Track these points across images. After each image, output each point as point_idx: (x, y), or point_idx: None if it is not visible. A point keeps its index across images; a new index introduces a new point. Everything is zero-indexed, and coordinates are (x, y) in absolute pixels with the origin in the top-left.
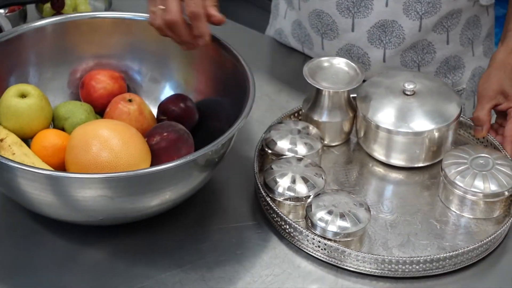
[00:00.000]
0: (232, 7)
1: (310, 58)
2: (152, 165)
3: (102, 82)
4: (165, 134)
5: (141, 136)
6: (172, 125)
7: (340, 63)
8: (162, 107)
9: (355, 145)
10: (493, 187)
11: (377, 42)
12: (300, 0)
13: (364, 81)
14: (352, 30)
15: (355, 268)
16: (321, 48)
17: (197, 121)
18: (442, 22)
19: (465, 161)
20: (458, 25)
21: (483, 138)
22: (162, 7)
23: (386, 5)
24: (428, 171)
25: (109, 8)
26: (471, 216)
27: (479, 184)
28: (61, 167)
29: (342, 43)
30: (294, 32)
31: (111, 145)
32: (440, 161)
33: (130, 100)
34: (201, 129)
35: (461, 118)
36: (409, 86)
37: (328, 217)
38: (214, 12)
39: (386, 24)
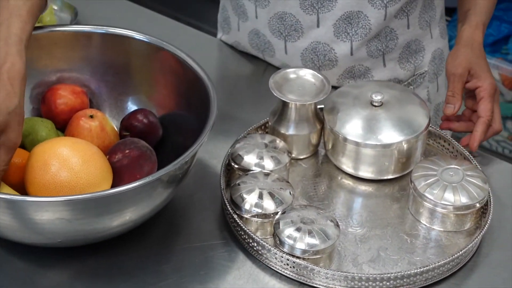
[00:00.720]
0: (193, 4)
1: (272, 65)
2: (114, 183)
3: (64, 97)
4: (127, 151)
5: (102, 154)
6: (135, 141)
7: (307, 74)
8: (125, 123)
9: (323, 157)
10: (463, 200)
11: (344, 36)
12: (258, 8)
13: (334, 87)
14: (318, 26)
15: (325, 286)
16: (284, 53)
17: (161, 136)
18: (402, 7)
19: (435, 173)
20: (417, 9)
21: (456, 144)
22: None
23: None
24: (398, 183)
25: (75, 19)
26: (442, 229)
27: (449, 196)
28: (22, 186)
29: (307, 42)
30: (252, 42)
31: (71, 164)
32: (410, 173)
33: (91, 116)
34: (165, 144)
35: (430, 128)
36: (377, 97)
37: (296, 234)
38: None
39: (351, 15)
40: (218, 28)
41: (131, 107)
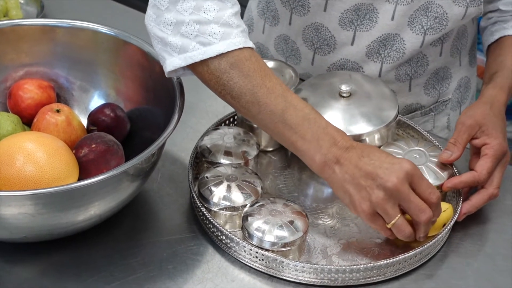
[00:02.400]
0: None
1: None
2: (80, 178)
3: (30, 92)
4: (93, 145)
5: (69, 148)
6: (101, 136)
7: (275, 66)
8: (92, 117)
9: None
10: (430, 180)
11: (375, 56)
12: (294, 14)
13: (302, 79)
14: (352, 44)
15: (294, 278)
16: (311, 64)
17: (128, 131)
18: (440, 36)
19: (400, 156)
20: (451, 37)
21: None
22: (390, 224)
23: (392, 18)
24: None
25: (41, 12)
26: None
27: None
28: None
29: (337, 57)
30: (278, 47)
31: (36, 158)
32: None
33: (58, 111)
34: (133, 138)
35: (399, 118)
36: (345, 88)
37: (265, 227)
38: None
39: (388, 38)
40: None
41: (99, 101)
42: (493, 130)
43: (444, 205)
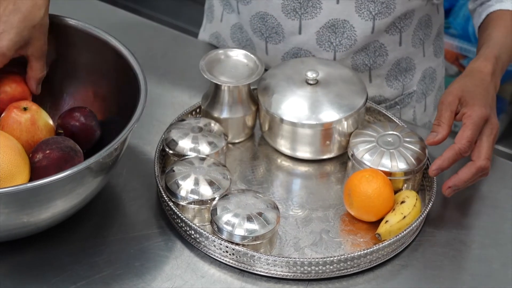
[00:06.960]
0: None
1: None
2: None
3: (4, 86)
4: (47, 151)
5: (21, 148)
6: (58, 141)
7: (239, 55)
8: (61, 120)
9: (260, 139)
10: (401, 165)
11: (327, 45)
12: (240, 4)
13: (266, 70)
14: (299, 33)
15: (266, 272)
16: (265, 53)
17: (98, 138)
18: (395, 23)
19: (373, 139)
20: (411, 26)
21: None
22: None
23: (337, 2)
24: (338, 162)
25: None
26: None
27: (386, 162)
28: None
29: (289, 46)
30: (234, 36)
31: None
32: None
33: (25, 109)
34: (104, 145)
35: (367, 104)
36: (312, 75)
37: (234, 220)
38: None
39: (336, 24)
40: (204, 18)
41: (68, 101)
42: (470, 99)
43: (411, 202)
